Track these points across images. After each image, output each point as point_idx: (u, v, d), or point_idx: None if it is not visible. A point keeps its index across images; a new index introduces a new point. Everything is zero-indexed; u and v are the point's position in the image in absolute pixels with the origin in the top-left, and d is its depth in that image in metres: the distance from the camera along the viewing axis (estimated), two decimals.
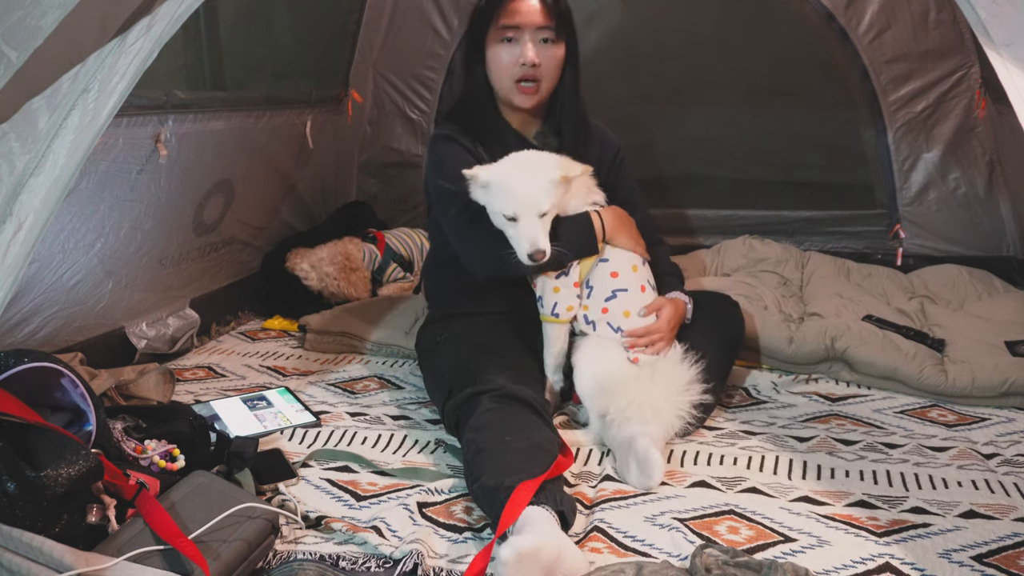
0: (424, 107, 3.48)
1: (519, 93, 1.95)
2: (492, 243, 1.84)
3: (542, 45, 1.94)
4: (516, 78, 1.94)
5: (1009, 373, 2.09)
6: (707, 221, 3.41)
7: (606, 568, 1.31)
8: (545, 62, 1.94)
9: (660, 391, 1.79)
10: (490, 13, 1.94)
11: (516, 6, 1.92)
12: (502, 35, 1.94)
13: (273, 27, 2.89)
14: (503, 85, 1.97)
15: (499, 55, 1.95)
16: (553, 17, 1.93)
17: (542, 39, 1.94)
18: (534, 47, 1.92)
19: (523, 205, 1.76)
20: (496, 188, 1.79)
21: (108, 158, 2.06)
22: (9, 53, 1.27)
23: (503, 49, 1.94)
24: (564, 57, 1.98)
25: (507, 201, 1.77)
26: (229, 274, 2.84)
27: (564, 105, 2.02)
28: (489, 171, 1.81)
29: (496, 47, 1.95)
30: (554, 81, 1.99)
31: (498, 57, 1.95)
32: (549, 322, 1.94)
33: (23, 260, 1.27)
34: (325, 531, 1.51)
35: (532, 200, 1.77)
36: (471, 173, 1.81)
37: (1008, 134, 2.83)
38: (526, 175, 1.79)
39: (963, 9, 1.21)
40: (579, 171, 1.84)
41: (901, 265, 3.16)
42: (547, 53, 1.95)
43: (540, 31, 1.93)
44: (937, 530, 1.51)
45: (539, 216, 1.77)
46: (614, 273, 1.91)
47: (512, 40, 1.93)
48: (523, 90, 1.95)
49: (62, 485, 1.28)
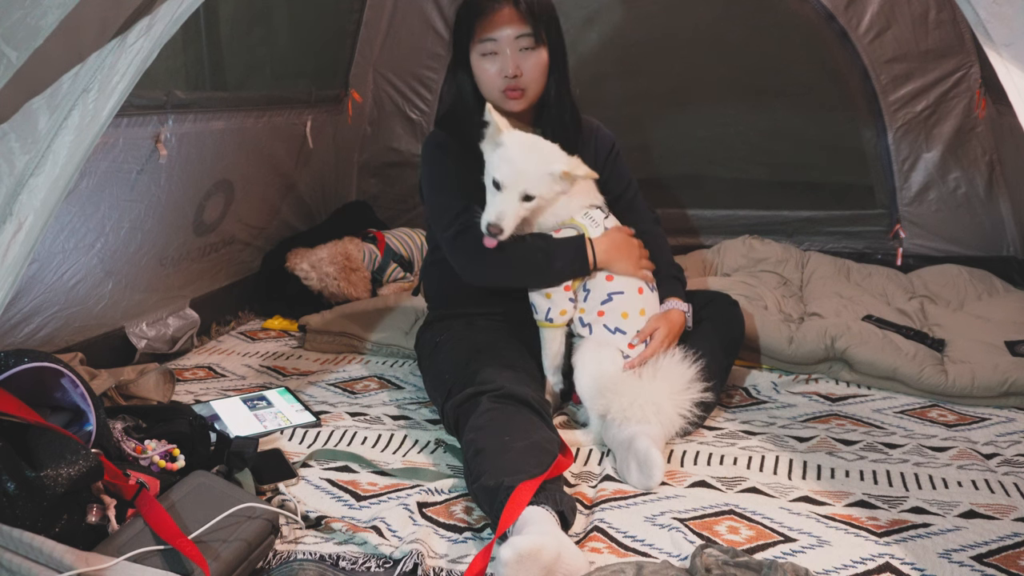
0: (424, 107, 3.49)
1: (507, 100, 1.95)
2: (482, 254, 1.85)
3: (523, 53, 1.92)
4: (501, 89, 1.94)
5: (1009, 373, 2.09)
6: (707, 221, 3.41)
7: (606, 568, 1.31)
8: (528, 70, 1.93)
9: (662, 389, 1.79)
10: (468, 26, 1.94)
11: (492, 18, 1.91)
12: (482, 48, 1.93)
13: (273, 27, 2.89)
14: (490, 96, 1.96)
15: (482, 68, 1.94)
16: (529, 23, 1.90)
17: (521, 47, 1.92)
18: (515, 56, 1.91)
19: (513, 178, 1.76)
20: (502, 151, 1.79)
21: (108, 158, 2.06)
22: (9, 53, 1.27)
23: (486, 62, 1.93)
24: (548, 61, 1.96)
25: (502, 167, 1.77)
26: (229, 274, 2.84)
27: (552, 109, 2.01)
28: (507, 133, 1.81)
29: (479, 60, 1.94)
30: (541, 85, 1.97)
31: (482, 70, 1.95)
32: (544, 327, 1.94)
33: (23, 260, 1.27)
34: (325, 531, 1.51)
35: (524, 178, 1.77)
36: (496, 121, 1.81)
37: (1008, 134, 2.83)
38: (533, 155, 1.80)
39: (963, 9, 1.21)
40: (583, 173, 1.83)
41: (901, 265, 3.16)
42: (529, 61, 1.92)
43: (519, 39, 1.91)
44: (937, 530, 1.51)
45: (521, 197, 1.77)
46: (609, 276, 1.91)
47: (492, 53, 1.92)
48: (511, 96, 1.94)
49: (62, 485, 1.28)
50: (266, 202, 2.97)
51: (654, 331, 1.91)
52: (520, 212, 1.79)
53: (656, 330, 1.91)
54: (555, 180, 1.80)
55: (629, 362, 1.88)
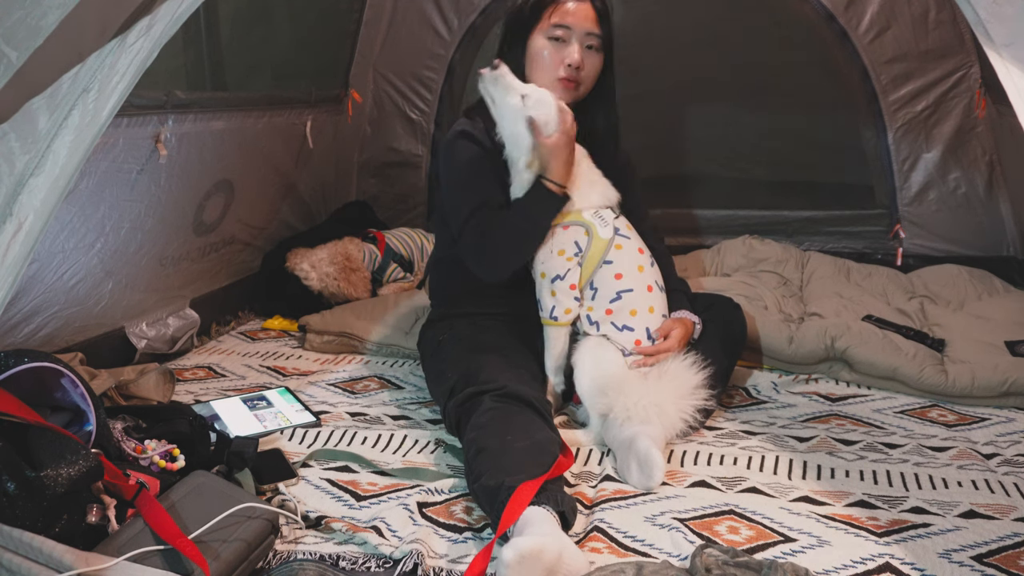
0: (424, 107, 3.48)
1: (561, 87, 1.97)
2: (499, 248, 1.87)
3: (587, 51, 1.98)
4: (559, 76, 1.96)
5: (1009, 373, 2.09)
6: (707, 221, 3.41)
7: (606, 568, 1.31)
8: (588, 67, 1.98)
9: (667, 392, 1.79)
10: (541, 8, 1.96)
11: (570, 7, 1.95)
12: (552, 32, 1.96)
13: (273, 27, 2.89)
14: (543, 80, 1.97)
15: (544, 51, 1.97)
16: (603, 26, 1.98)
17: (588, 45, 1.97)
18: (581, 50, 1.95)
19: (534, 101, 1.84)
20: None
21: (108, 158, 2.06)
22: (9, 53, 1.27)
23: (550, 46, 1.96)
24: (602, 68, 2.02)
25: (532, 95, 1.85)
26: (229, 274, 2.84)
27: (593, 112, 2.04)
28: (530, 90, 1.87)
29: (543, 43, 1.97)
30: (590, 87, 2.03)
31: (542, 54, 1.97)
32: (549, 325, 1.94)
33: (23, 260, 1.27)
34: (325, 531, 1.51)
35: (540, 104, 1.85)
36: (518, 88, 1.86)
37: (1008, 134, 2.84)
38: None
39: (963, 9, 1.21)
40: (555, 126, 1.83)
41: (901, 265, 3.16)
42: (591, 59, 1.99)
43: (588, 36, 1.97)
44: (937, 530, 1.51)
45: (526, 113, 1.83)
46: (618, 275, 1.90)
47: (560, 40, 1.96)
48: (566, 85, 1.97)
49: (62, 485, 1.28)
50: (266, 202, 2.97)
51: (671, 331, 1.92)
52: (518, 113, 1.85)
53: (673, 330, 1.92)
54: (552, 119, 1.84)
55: (643, 358, 1.88)
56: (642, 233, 2.03)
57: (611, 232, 1.91)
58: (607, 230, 1.91)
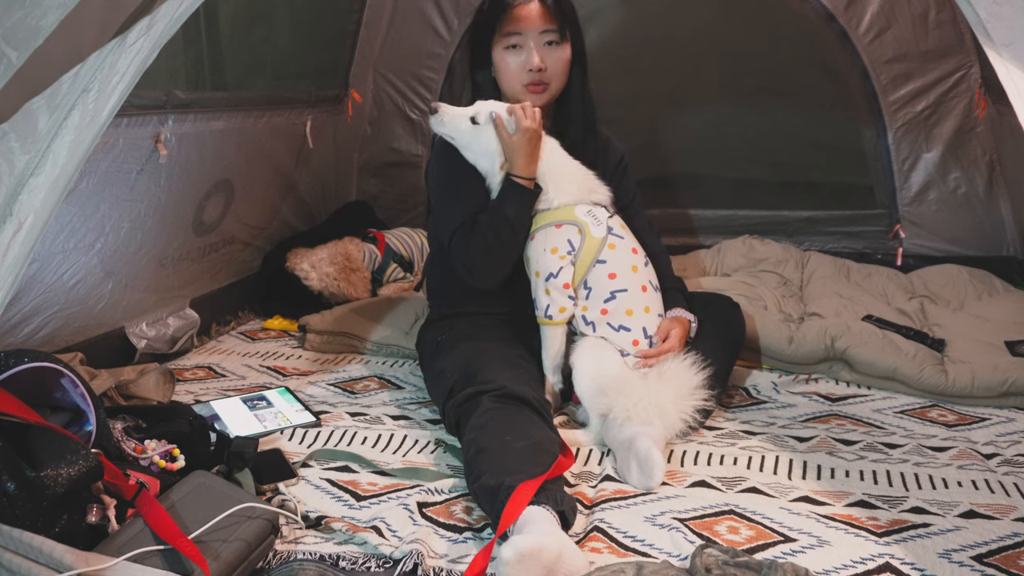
0: (424, 107, 3.48)
1: (529, 93, 1.98)
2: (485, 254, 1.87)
3: (547, 48, 1.96)
4: (524, 83, 1.97)
5: (1009, 373, 2.09)
6: (707, 221, 3.41)
7: (606, 568, 1.31)
8: (551, 64, 1.97)
9: (667, 393, 1.79)
10: (493, 20, 1.96)
11: (518, 12, 1.94)
12: (507, 42, 1.96)
13: (273, 27, 2.89)
14: (512, 89, 2.00)
15: (505, 61, 1.97)
16: (555, 18, 1.95)
17: (546, 42, 1.96)
18: (539, 51, 1.95)
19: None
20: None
21: (108, 158, 2.06)
22: (9, 53, 1.27)
23: (509, 55, 1.97)
24: (571, 57, 2.00)
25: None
26: (229, 274, 2.84)
27: (572, 104, 2.04)
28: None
29: (502, 54, 1.98)
30: (563, 81, 2.02)
31: (505, 64, 1.98)
32: (545, 324, 1.94)
33: (23, 260, 1.27)
34: (325, 531, 1.50)
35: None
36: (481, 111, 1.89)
37: (1008, 134, 2.84)
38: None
39: (963, 9, 1.21)
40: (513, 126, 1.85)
41: (901, 265, 3.16)
42: (553, 55, 1.97)
43: (544, 34, 1.95)
44: (937, 530, 1.51)
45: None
46: (612, 275, 1.91)
47: (517, 46, 1.96)
48: (532, 90, 1.98)
49: (62, 485, 1.28)
50: (266, 202, 2.97)
51: (670, 331, 1.92)
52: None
53: (672, 330, 1.92)
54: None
55: (644, 360, 1.88)
56: (638, 230, 2.03)
57: (604, 231, 1.91)
58: (600, 229, 1.91)
